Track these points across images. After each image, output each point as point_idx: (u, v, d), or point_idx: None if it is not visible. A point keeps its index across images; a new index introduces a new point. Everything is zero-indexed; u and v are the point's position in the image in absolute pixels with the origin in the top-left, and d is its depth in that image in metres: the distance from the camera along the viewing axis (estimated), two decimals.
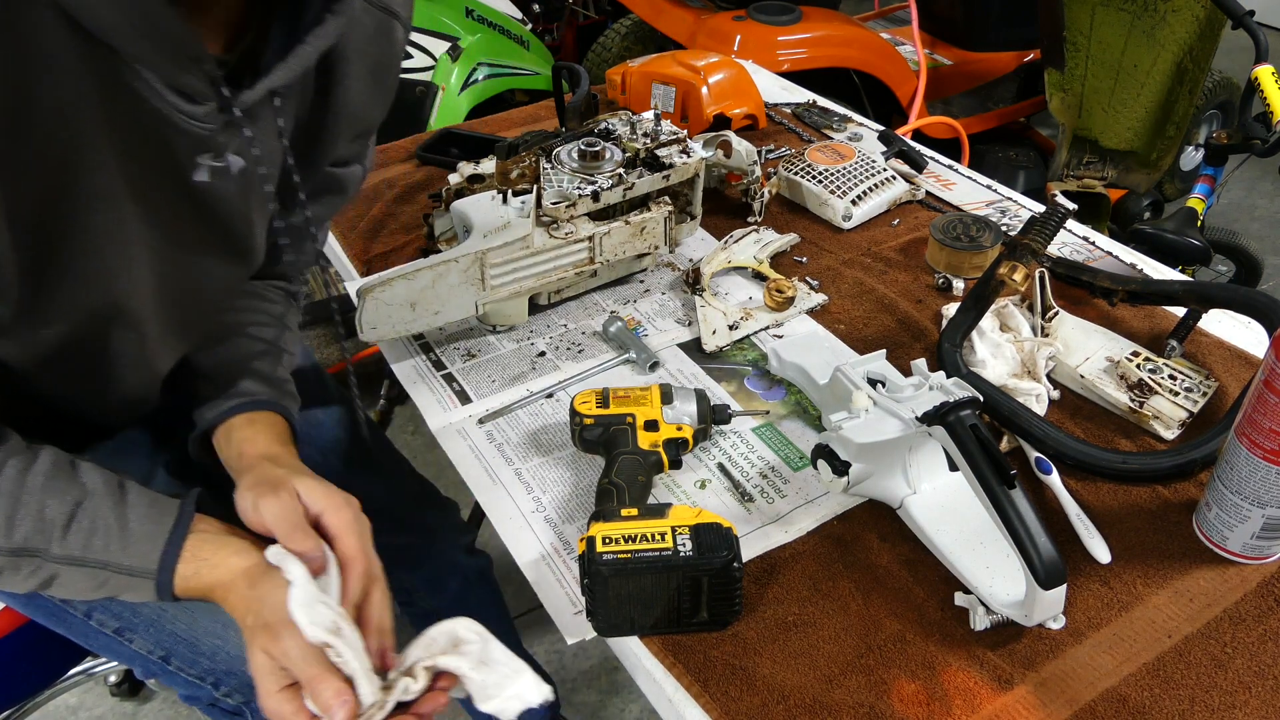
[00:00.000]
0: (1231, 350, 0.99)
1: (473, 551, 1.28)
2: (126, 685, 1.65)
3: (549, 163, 1.05)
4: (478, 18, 2.32)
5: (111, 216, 0.68)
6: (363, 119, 0.86)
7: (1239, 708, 0.68)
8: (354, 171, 0.94)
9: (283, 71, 0.69)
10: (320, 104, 0.82)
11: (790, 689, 0.69)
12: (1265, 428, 0.71)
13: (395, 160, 1.40)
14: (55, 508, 0.68)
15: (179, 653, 0.89)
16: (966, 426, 0.73)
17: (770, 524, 0.83)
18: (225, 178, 0.72)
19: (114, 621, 0.89)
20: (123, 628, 0.89)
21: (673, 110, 1.41)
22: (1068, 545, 0.79)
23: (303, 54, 0.69)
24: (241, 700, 0.91)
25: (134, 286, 0.73)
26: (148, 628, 0.89)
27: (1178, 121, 2.15)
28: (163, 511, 0.72)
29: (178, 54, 0.63)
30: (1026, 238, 1.01)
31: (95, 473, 0.72)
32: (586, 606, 0.73)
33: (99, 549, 0.69)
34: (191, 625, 0.89)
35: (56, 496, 0.69)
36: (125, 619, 0.89)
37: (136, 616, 0.88)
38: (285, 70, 0.69)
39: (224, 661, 0.89)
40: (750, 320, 1.06)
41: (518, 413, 0.96)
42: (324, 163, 0.88)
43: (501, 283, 1.00)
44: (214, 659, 0.89)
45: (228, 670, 0.89)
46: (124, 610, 0.89)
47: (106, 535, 0.70)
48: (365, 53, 0.81)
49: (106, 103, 0.63)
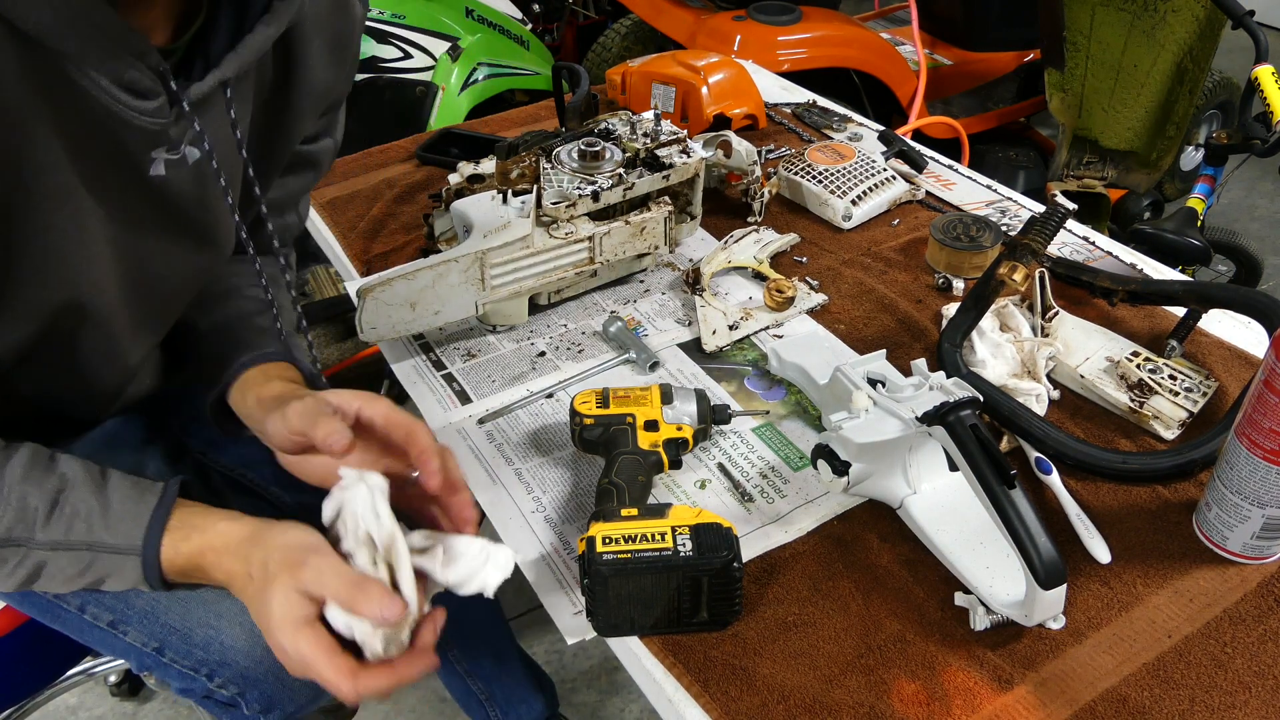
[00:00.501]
0: (1231, 350, 0.99)
1: None
2: (126, 685, 1.65)
3: (549, 163, 1.05)
4: (478, 18, 2.32)
5: (69, 214, 0.67)
6: (327, 94, 0.86)
7: (1239, 708, 0.68)
8: (325, 145, 0.94)
9: (233, 62, 0.68)
10: (282, 84, 0.81)
11: (790, 689, 0.69)
12: (1265, 428, 0.71)
13: (395, 160, 1.40)
14: (36, 497, 0.68)
15: (172, 644, 0.89)
16: (966, 426, 0.73)
17: (770, 524, 0.83)
18: (182, 169, 0.72)
19: (107, 614, 0.89)
20: (116, 620, 0.89)
21: (673, 110, 1.41)
22: (1068, 545, 0.79)
23: (252, 43, 0.68)
24: (236, 691, 0.91)
25: (98, 282, 0.73)
26: (141, 619, 0.88)
27: (1178, 121, 2.15)
28: (145, 491, 0.71)
29: (118, 50, 0.62)
30: (1026, 238, 1.01)
31: (74, 463, 0.71)
32: (586, 606, 0.73)
33: (82, 531, 0.68)
34: (185, 616, 0.88)
35: (36, 487, 0.68)
36: (119, 611, 0.88)
37: (130, 609, 0.88)
38: (236, 60, 0.68)
39: (217, 652, 0.89)
40: (750, 320, 1.06)
41: (518, 413, 0.96)
42: (293, 141, 0.88)
43: (502, 283, 1.00)
44: (207, 650, 0.89)
45: (221, 661, 0.89)
46: (117, 603, 0.88)
47: (89, 518, 0.69)
48: (324, 29, 0.81)
49: (53, 102, 0.62)
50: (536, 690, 1.34)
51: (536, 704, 1.34)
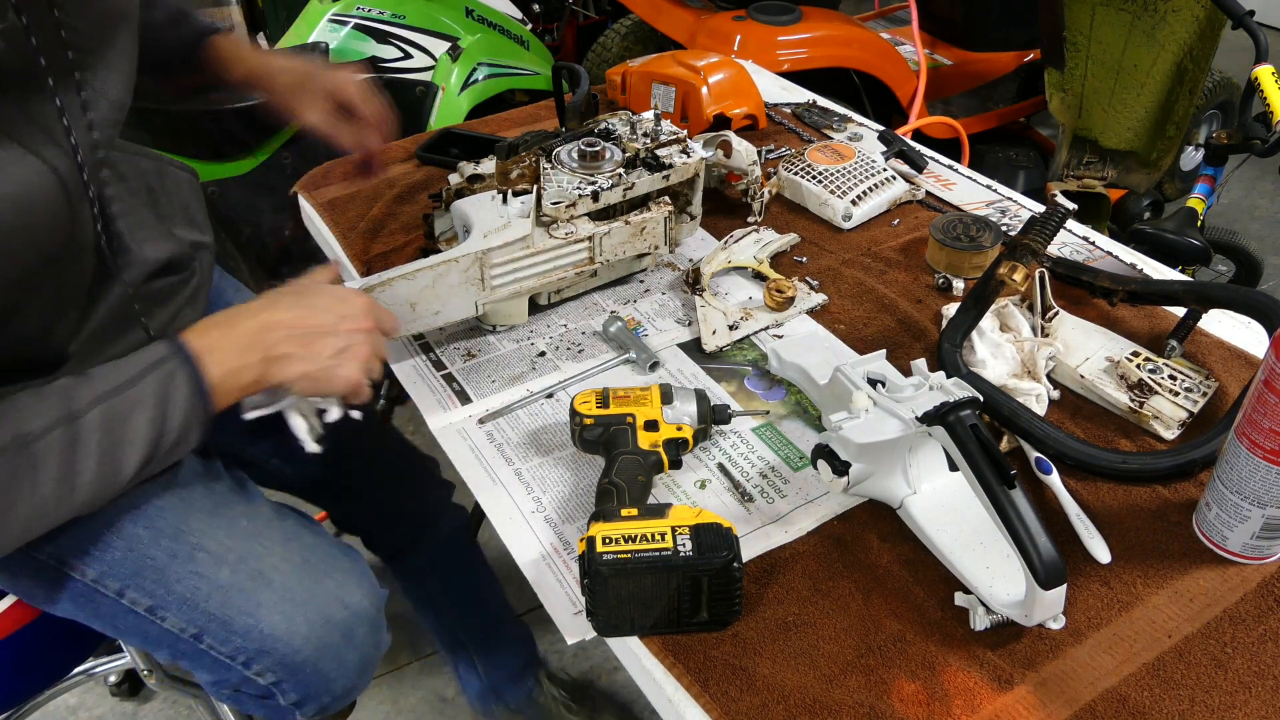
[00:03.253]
0: (1231, 350, 0.99)
1: (454, 503, 1.33)
2: (126, 685, 1.66)
3: (549, 163, 1.05)
4: (478, 18, 2.32)
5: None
6: None
7: (1239, 708, 0.68)
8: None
9: None
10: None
11: (790, 689, 0.69)
12: (1265, 428, 0.71)
13: (395, 160, 1.40)
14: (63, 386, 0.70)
15: (212, 630, 0.89)
16: (966, 426, 0.73)
17: (770, 524, 0.83)
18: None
19: (147, 599, 0.89)
20: (155, 605, 0.89)
21: (673, 110, 1.41)
22: (1068, 545, 0.79)
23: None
24: (273, 680, 0.92)
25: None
26: (180, 605, 0.89)
27: (1178, 121, 2.15)
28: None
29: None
30: (1026, 238, 1.01)
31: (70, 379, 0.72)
32: (586, 606, 0.73)
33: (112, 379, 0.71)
34: (225, 604, 0.89)
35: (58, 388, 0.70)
36: (159, 596, 0.89)
37: (170, 594, 0.88)
38: None
39: (257, 640, 0.89)
40: (750, 320, 1.06)
41: (518, 413, 0.96)
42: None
43: (502, 283, 1.00)
44: (247, 637, 0.89)
45: (260, 649, 0.90)
46: (157, 588, 0.88)
47: (114, 370, 0.72)
48: None
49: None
50: (519, 639, 1.43)
51: (521, 653, 1.43)
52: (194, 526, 0.90)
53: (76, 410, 0.69)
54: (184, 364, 0.73)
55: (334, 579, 0.94)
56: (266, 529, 0.94)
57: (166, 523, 0.89)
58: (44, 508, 0.69)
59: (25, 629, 1.07)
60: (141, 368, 0.72)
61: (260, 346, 0.76)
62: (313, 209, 1.31)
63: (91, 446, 0.69)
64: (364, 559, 1.02)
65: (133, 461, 0.72)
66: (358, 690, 0.98)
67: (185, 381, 0.73)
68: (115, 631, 0.93)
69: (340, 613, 0.93)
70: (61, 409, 0.69)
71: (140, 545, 0.88)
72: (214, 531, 0.90)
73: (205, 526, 0.90)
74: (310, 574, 0.93)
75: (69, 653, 1.16)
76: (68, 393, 0.70)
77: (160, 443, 0.73)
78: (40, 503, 0.68)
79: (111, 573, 0.88)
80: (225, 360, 0.75)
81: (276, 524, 0.95)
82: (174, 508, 0.90)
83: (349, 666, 0.95)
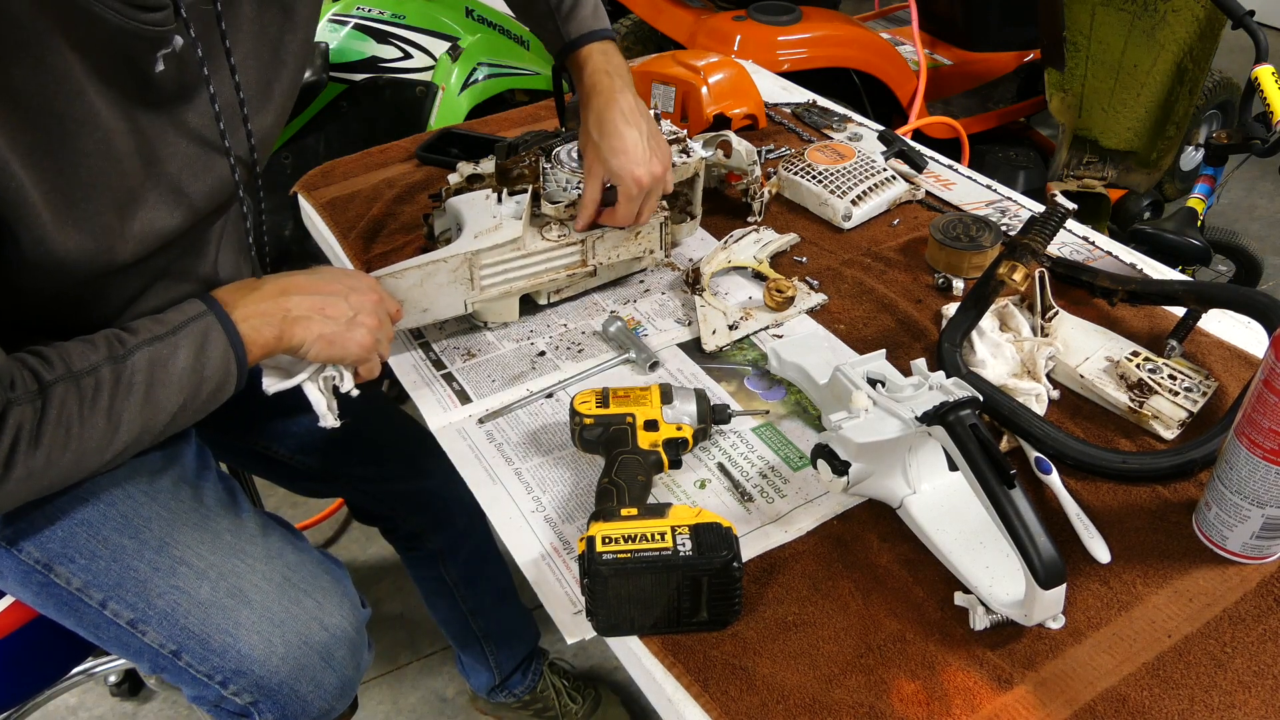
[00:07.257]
0: (1231, 350, 0.99)
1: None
2: (126, 685, 1.65)
3: (549, 163, 1.05)
4: (478, 18, 2.32)
5: (98, 139, 0.73)
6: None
7: (1239, 708, 0.68)
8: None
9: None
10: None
11: (790, 689, 0.69)
12: (1265, 428, 0.71)
13: (395, 160, 1.40)
14: (109, 335, 0.77)
15: (190, 648, 0.89)
16: (966, 426, 0.73)
17: (770, 524, 0.83)
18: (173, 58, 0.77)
19: (128, 612, 0.89)
20: (137, 619, 0.89)
21: (673, 110, 1.41)
22: (1068, 545, 0.79)
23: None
24: (249, 700, 0.91)
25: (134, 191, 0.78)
26: (161, 621, 0.89)
27: (1178, 121, 2.15)
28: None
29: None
30: (1026, 238, 1.01)
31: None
32: (586, 606, 0.73)
33: (154, 329, 0.78)
34: (204, 621, 0.89)
35: (108, 334, 0.77)
36: (139, 610, 0.88)
37: (151, 608, 0.88)
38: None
39: (234, 660, 0.89)
40: (750, 320, 1.06)
41: (518, 413, 0.96)
42: None
43: (491, 283, 1.00)
44: (224, 657, 0.89)
45: (236, 669, 0.89)
46: (139, 601, 0.88)
47: (155, 323, 0.79)
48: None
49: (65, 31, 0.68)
50: (527, 628, 1.45)
51: (528, 642, 1.46)
52: (178, 539, 0.90)
53: (123, 353, 0.75)
54: (219, 317, 0.80)
55: (314, 599, 0.93)
56: (250, 545, 0.93)
57: (152, 534, 0.89)
58: (88, 445, 0.74)
59: (24, 628, 1.07)
60: (181, 320, 0.79)
61: (281, 308, 0.83)
62: (313, 209, 1.31)
63: (137, 385, 0.75)
64: (349, 577, 1.01)
65: (172, 404, 0.78)
66: (336, 712, 0.98)
67: (220, 333, 0.80)
68: (100, 641, 0.92)
69: (319, 634, 0.92)
70: (110, 350, 0.75)
71: (125, 556, 0.88)
72: (197, 545, 0.90)
73: (189, 539, 0.90)
74: (290, 593, 0.92)
75: (69, 652, 1.16)
76: (115, 338, 0.76)
77: (199, 389, 0.79)
78: (87, 439, 0.73)
79: (95, 583, 0.88)
80: (249, 316, 0.82)
81: (260, 540, 0.94)
82: (160, 519, 0.90)
83: (327, 689, 0.94)
